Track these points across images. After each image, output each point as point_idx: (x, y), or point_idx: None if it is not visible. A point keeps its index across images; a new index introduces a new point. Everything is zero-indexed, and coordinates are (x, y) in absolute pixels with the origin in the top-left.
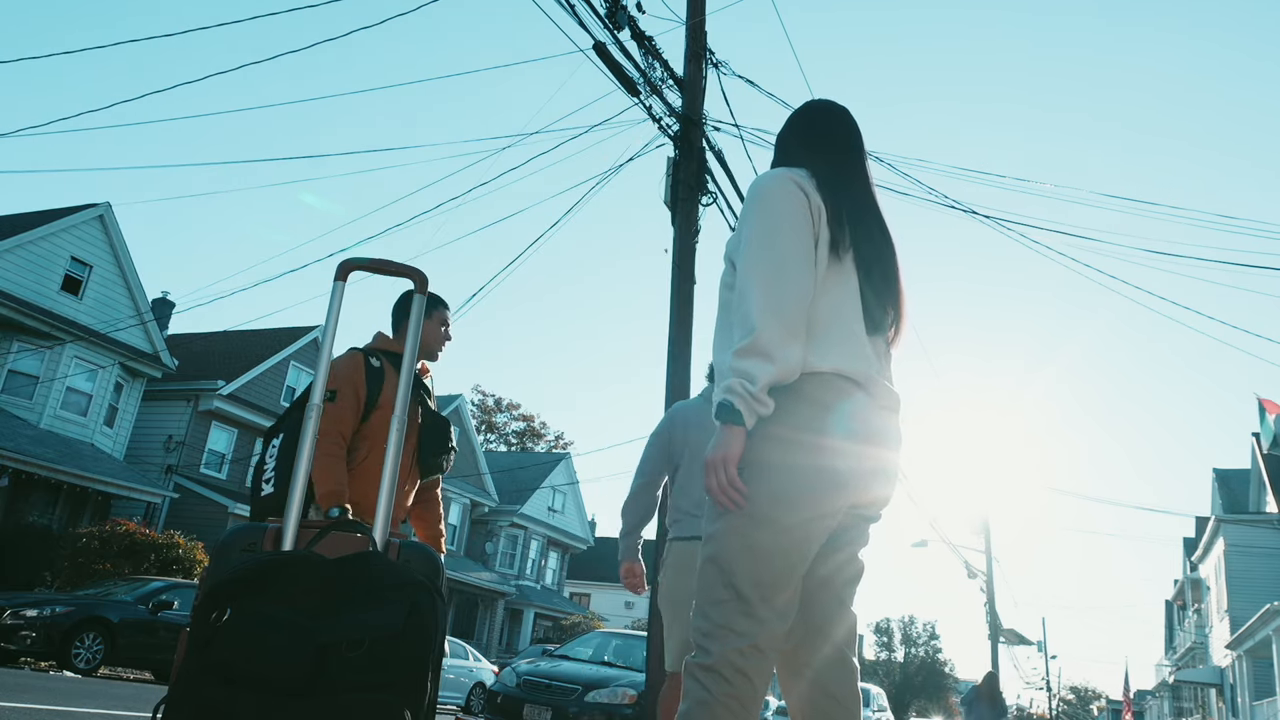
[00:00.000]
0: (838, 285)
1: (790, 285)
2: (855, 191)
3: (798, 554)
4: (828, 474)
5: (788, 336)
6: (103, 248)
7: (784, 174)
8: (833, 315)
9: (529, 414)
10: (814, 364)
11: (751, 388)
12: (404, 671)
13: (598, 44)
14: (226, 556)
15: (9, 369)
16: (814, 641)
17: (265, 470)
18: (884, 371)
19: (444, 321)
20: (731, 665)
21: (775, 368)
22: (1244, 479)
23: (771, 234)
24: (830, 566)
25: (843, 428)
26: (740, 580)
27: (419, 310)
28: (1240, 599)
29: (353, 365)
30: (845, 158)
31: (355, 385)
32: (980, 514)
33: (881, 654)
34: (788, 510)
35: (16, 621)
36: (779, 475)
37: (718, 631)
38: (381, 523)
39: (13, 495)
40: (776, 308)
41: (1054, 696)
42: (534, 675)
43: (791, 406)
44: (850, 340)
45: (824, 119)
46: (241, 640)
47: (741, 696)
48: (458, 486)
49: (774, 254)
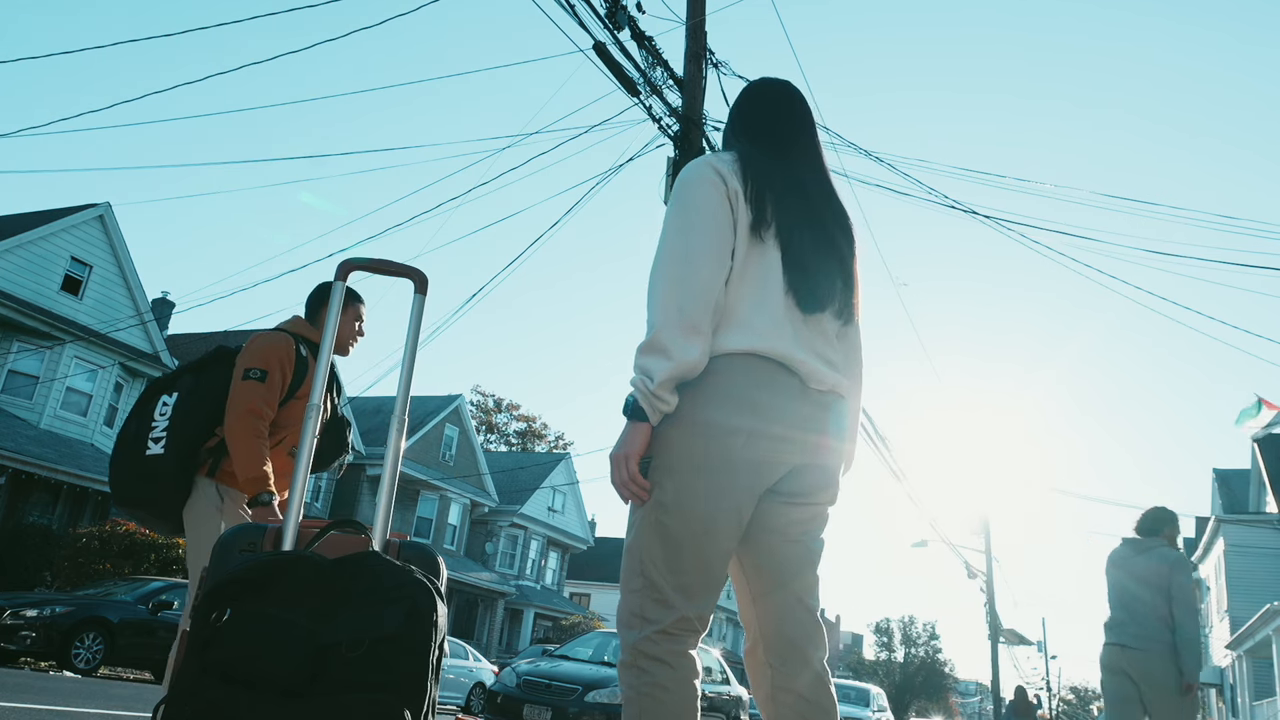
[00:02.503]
0: (760, 266)
1: (694, 279)
2: (785, 168)
3: (709, 540)
4: (731, 459)
5: (688, 332)
6: (103, 248)
7: (703, 161)
8: (754, 297)
9: (529, 414)
10: (728, 346)
11: (650, 384)
12: (404, 672)
13: (598, 44)
14: (226, 556)
15: (9, 369)
16: (770, 637)
17: (155, 428)
18: (822, 351)
19: (358, 316)
20: (645, 655)
21: (672, 364)
22: (1244, 479)
23: (681, 228)
24: (764, 551)
25: (750, 410)
26: (651, 568)
27: (418, 312)
28: (1240, 599)
29: (285, 348)
30: (776, 136)
31: (284, 369)
32: (980, 514)
33: (881, 654)
34: (692, 497)
35: (16, 621)
36: (682, 462)
37: (633, 621)
38: (381, 523)
39: (13, 495)
40: (678, 304)
41: (1054, 696)
42: (534, 675)
43: (700, 392)
44: (771, 320)
45: (757, 101)
46: (242, 640)
47: (663, 682)
48: (458, 486)
49: (681, 248)
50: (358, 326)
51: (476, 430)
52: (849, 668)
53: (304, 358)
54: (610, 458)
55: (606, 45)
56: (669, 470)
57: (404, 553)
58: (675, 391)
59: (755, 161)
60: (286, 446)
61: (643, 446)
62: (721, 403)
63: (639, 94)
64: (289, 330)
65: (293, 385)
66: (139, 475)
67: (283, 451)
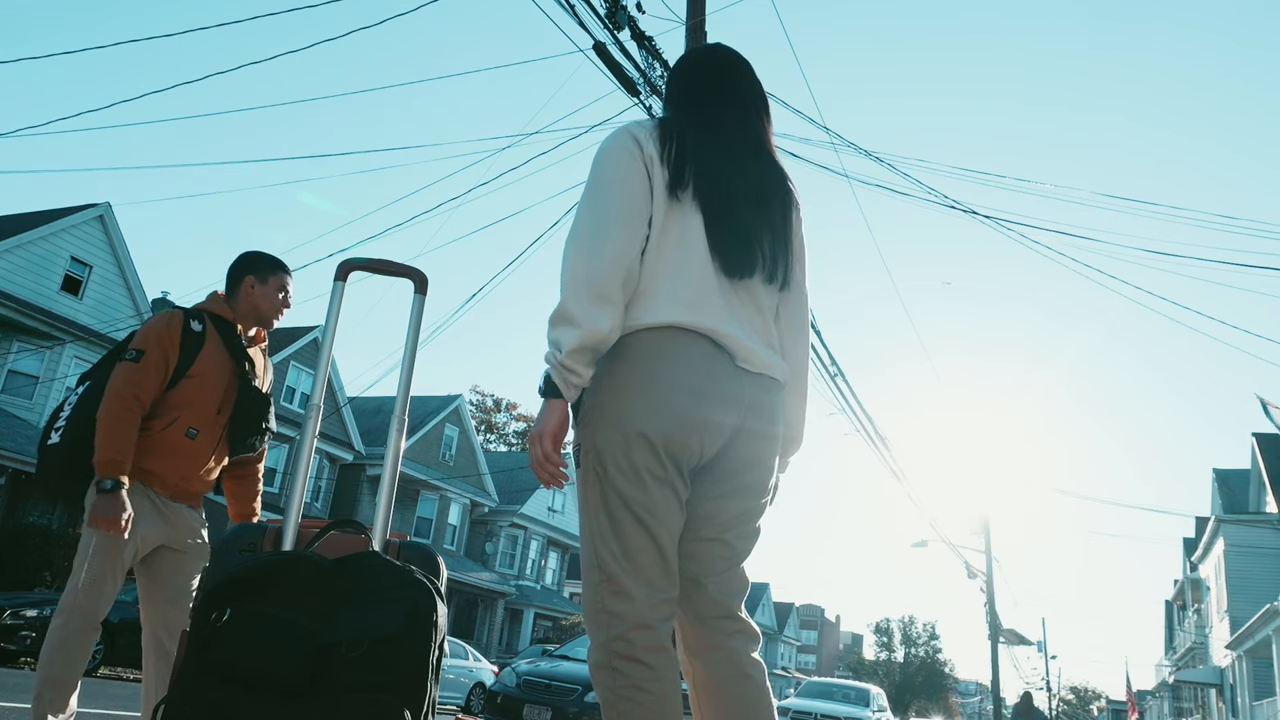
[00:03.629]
0: (679, 228)
1: (603, 247)
2: (710, 130)
3: (651, 518)
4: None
5: (596, 299)
6: (103, 248)
7: (620, 129)
8: (675, 262)
9: (529, 414)
10: (644, 319)
11: (559, 355)
12: (404, 672)
13: (598, 44)
14: (226, 557)
15: (9, 369)
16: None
17: (59, 417)
18: (757, 327)
19: (282, 287)
20: (619, 655)
21: (580, 331)
22: (1244, 479)
23: (591, 200)
24: (689, 541)
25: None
26: (604, 557)
27: (418, 312)
28: (1240, 599)
29: (167, 327)
30: (702, 103)
31: (165, 348)
32: (980, 514)
33: (881, 654)
34: (627, 481)
35: (16, 621)
36: (606, 440)
37: (600, 619)
38: (381, 523)
39: (13, 495)
40: (586, 272)
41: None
42: (534, 675)
43: (615, 367)
44: (696, 289)
45: (685, 71)
46: (242, 640)
47: (642, 683)
48: (458, 486)
49: (590, 219)
50: (282, 297)
51: (476, 430)
52: (849, 668)
53: (196, 333)
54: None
55: (606, 45)
56: (594, 446)
57: (404, 553)
58: (590, 364)
59: (674, 124)
60: (181, 427)
61: (558, 425)
62: (637, 375)
63: (639, 94)
64: (195, 307)
65: (181, 363)
66: (42, 465)
67: (178, 432)
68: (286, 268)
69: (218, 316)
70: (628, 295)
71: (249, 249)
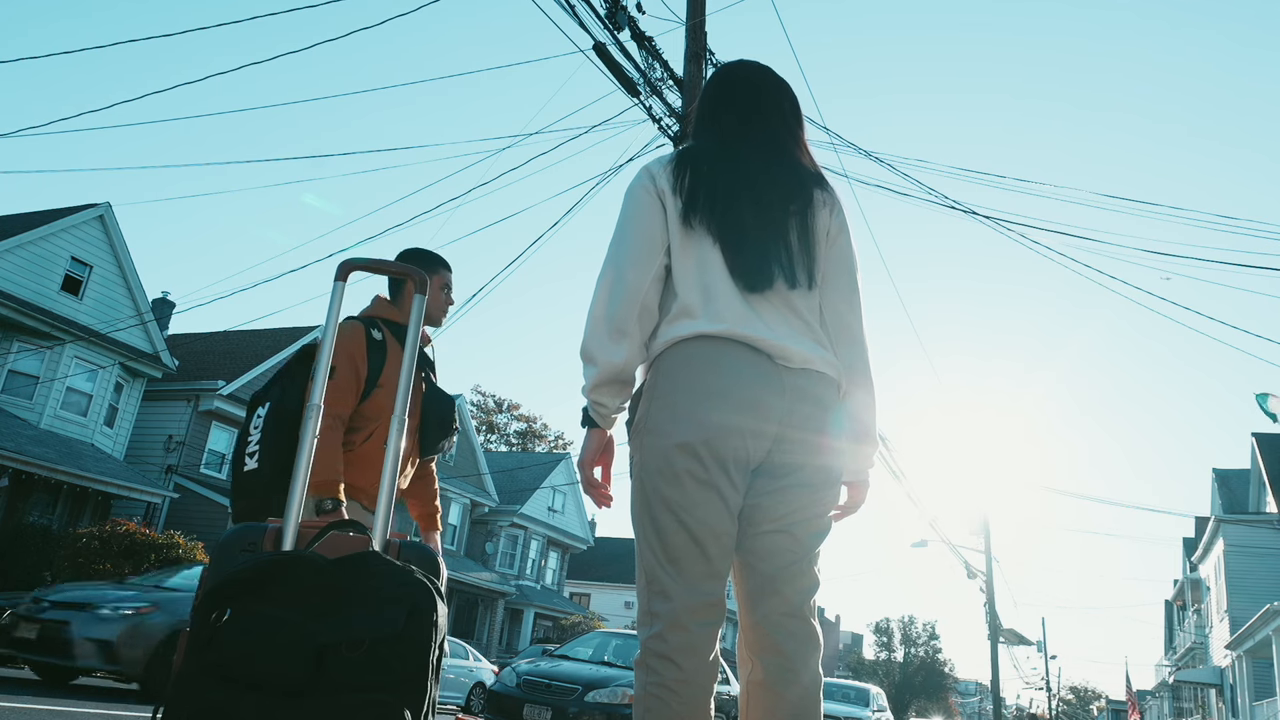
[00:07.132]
0: (697, 253)
1: (619, 284)
2: (726, 152)
3: (692, 518)
4: (688, 439)
5: (614, 334)
6: (103, 248)
7: (641, 168)
8: (697, 285)
9: (529, 414)
10: (679, 334)
11: (585, 390)
12: (404, 672)
13: (598, 44)
14: (226, 556)
15: (9, 369)
16: (760, 646)
17: (249, 443)
18: (794, 327)
19: (445, 284)
20: (653, 653)
21: (598, 369)
22: (1244, 479)
23: (614, 239)
24: (753, 546)
25: (700, 390)
26: (649, 561)
27: (418, 312)
28: (1240, 599)
29: (354, 338)
30: (722, 123)
31: (355, 361)
32: (980, 514)
33: (881, 654)
34: (667, 484)
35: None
36: (649, 451)
37: (644, 619)
38: (381, 522)
39: (13, 495)
40: (604, 311)
41: (1054, 696)
42: (534, 675)
43: (655, 380)
44: (721, 303)
45: (708, 89)
46: (242, 640)
47: (669, 682)
48: (458, 486)
49: (612, 258)
50: (446, 294)
51: (477, 430)
52: (849, 668)
53: (378, 342)
54: (576, 464)
55: (606, 46)
56: (640, 458)
57: (404, 553)
58: (617, 394)
59: (690, 153)
60: (380, 439)
61: (596, 451)
62: (668, 386)
63: (639, 94)
64: (366, 315)
65: (371, 374)
66: (241, 490)
67: (377, 443)
68: (447, 264)
69: (392, 322)
70: (646, 324)
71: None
